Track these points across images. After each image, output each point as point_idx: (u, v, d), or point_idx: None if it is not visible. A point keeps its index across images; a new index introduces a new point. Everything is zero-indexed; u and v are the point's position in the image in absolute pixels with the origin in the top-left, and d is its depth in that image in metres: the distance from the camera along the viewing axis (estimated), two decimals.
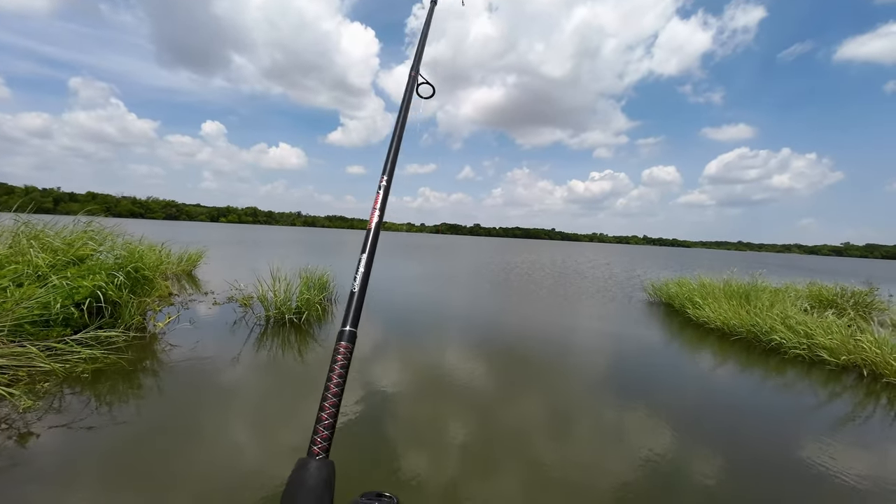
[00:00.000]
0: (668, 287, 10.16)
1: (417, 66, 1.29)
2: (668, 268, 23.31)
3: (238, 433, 3.21)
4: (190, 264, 11.41)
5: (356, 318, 0.75)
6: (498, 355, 5.48)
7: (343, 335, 0.73)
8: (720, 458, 3.13)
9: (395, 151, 1.07)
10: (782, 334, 6.17)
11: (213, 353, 4.80)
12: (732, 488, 2.76)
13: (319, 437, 0.62)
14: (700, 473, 2.90)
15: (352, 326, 0.74)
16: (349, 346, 0.71)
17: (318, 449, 0.61)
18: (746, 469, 3.02)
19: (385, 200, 0.97)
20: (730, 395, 4.53)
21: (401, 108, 1.18)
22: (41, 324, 4.24)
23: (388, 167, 1.02)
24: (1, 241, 5.50)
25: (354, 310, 0.76)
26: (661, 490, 2.68)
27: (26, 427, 2.96)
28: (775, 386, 4.91)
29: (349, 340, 0.72)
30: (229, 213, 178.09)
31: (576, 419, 3.74)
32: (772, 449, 3.34)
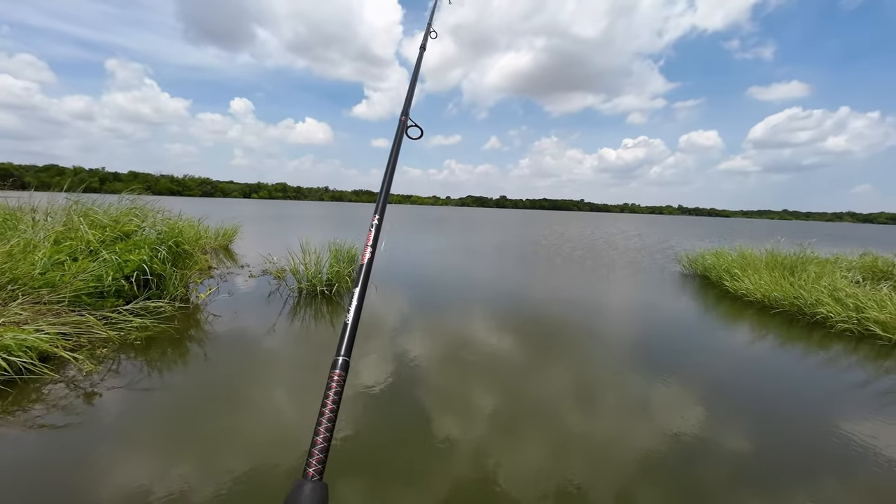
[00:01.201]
0: (705, 258, 9.73)
1: (407, 110, 1.40)
2: (704, 239, 22.28)
3: (275, 398, 3.41)
4: (226, 239, 11.91)
5: (349, 348, 0.78)
6: (524, 328, 5.48)
7: (336, 364, 0.74)
8: (754, 434, 3.06)
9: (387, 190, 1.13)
10: (829, 307, 5.83)
11: (251, 323, 5.06)
12: (766, 464, 2.70)
13: (315, 460, 0.64)
14: (732, 448, 2.85)
15: (345, 356, 0.76)
16: (343, 375, 0.73)
17: (312, 471, 0.63)
18: (782, 444, 2.94)
19: (377, 238, 1.00)
20: (767, 369, 4.37)
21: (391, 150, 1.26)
22: (96, 295, 4.57)
23: (380, 207, 1.07)
24: (56, 219, 5.91)
25: (348, 339, 0.79)
26: (689, 463, 2.66)
27: (91, 388, 3.25)
28: (818, 361, 4.69)
29: (343, 369, 0.74)
30: (260, 190, 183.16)
31: (603, 392, 3.73)
32: (810, 425, 3.22)
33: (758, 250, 8.99)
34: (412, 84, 1.58)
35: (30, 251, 4.67)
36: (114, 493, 2.21)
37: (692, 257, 10.40)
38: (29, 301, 3.96)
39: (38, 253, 4.64)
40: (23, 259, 4.44)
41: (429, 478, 2.43)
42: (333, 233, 10.56)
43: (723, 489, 2.42)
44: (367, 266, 0.94)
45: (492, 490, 2.33)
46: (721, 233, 30.05)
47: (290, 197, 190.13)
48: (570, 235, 22.92)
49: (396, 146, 1.28)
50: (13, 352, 3.25)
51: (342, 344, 0.78)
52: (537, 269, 10.62)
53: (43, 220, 5.82)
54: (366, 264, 0.94)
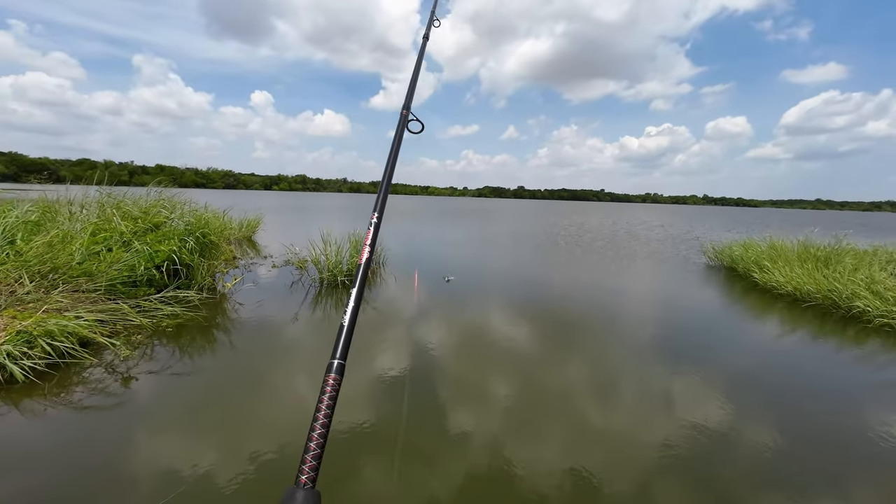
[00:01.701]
0: (732, 249, 9.42)
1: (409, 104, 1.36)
2: (731, 229, 21.55)
3: (299, 384, 3.51)
4: (250, 230, 12.20)
5: (345, 351, 0.76)
6: (543, 319, 5.44)
7: (332, 367, 0.73)
8: (781, 431, 2.96)
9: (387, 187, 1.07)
10: (866, 301, 5.57)
11: (275, 311, 5.19)
12: (793, 463, 2.62)
13: (307, 467, 0.62)
14: (757, 445, 2.77)
15: (340, 359, 0.74)
16: (338, 379, 0.72)
17: (305, 479, 0.61)
18: (811, 443, 2.84)
19: (375, 237, 0.96)
20: (797, 364, 4.23)
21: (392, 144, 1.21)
22: (129, 284, 4.77)
23: (380, 204, 1.02)
24: (91, 211, 6.17)
25: (343, 343, 0.76)
26: (713, 459, 2.60)
27: (127, 372, 3.41)
28: (852, 356, 4.50)
29: (338, 373, 0.72)
30: (280, 182, 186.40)
31: (625, 384, 3.68)
32: (842, 423, 3.11)
33: (789, 241, 8.64)
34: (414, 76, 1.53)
35: (68, 242, 4.90)
36: (146, 468, 2.32)
37: (718, 248, 10.08)
38: (69, 289, 4.17)
39: (75, 243, 4.86)
40: (62, 249, 4.66)
41: (446, 468, 2.46)
42: (352, 224, 10.68)
43: (746, 487, 2.36)
44: (366, 267, 0.89)
45: (509, 482, 2.34)
46: (749, 223, 28.99)
47: (309, 189, 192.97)
48: (590, 226, 22.53)
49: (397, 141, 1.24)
50: (56, 337, 3.43)
51: (337, 346, 0.76)
52: (556, 260, 10.49)
53: (79, 212, 6.08)
54: (363, 265, 0.89)
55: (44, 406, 2.88)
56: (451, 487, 2.28)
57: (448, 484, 2.31)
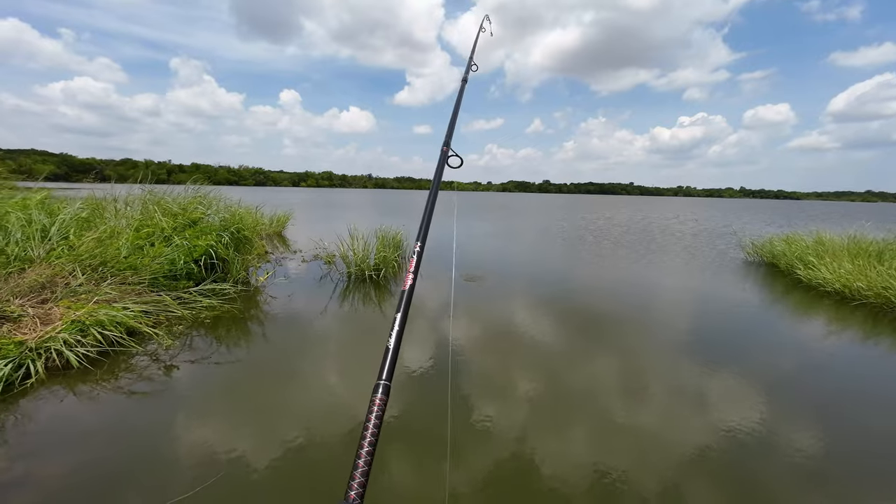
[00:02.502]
0: (773, 245, 8.94)
1: (449, 141, 1.46)
2: (772, 223, 20.45)
3: (328, 374, 3.60)
4: (280, 225, 12.57)
5: (391, 373, 0.78)
6: (570, 314, 5.35)
7: (378, 388, 0.76)
8: (825, 437, 2.80)
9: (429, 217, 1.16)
10: None
11: (305, 304, 5.34)
12: (838, 471, 2.47)
13: (356, 483, 0.65)
14: (797, 450, 2.62)
15: (386, 380, 0.77)
16: (384, 399, 0.75)
17: (353, 494, 0.63)
18: (859, 449, 2.67)
19: (419, 264, 1.01)
20: (843, 366, 3.98)
21: (434, 179, 1.30)
22: (170, 277, 5.01)
23: (423, 233, 1.10)
24: (134, 207, 6.51)
25: (389, 364, 0.80)
26: (747, 462, 2.49)
27: (170, 360, 3.60)
28: None
29: (384, 394, 0.76)
30: (308, 178, 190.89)
31: (659, 383, 3.56)
32: (889, 426, 2.90)
33: (838, 236, 8.11)
34: (454, 115, 1.64)
35: (115, 237, 5.19)
36: (187, 452, 2.45)
37: (758, 244, 9.59)
38: (116, 282, 4.42)
39: (121, 239, 5.14)
40: (110, 244, 4.95)
41: (470, 464, 2.47)
42: (379, 219, 10.79)
43: (787, 495, 2.25)
44: (409, 292, 0.93)
45: (540, 480, 2.32)
46: (792, 216, 27.43)
47: (335, 185, 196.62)
48: (619, 220, 21.91)
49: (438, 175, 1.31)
50: (106, 326, 3.65)
51: (384, 368, 0.79)
52: (585, 255, 10.26)
53: (123, 209, 6.43)
54: (407, 290, 0.93)
55: (97, 390, 3.08)
56: (487, 483, 2.29)
57: (483, 480, 2.31)
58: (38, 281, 3.99)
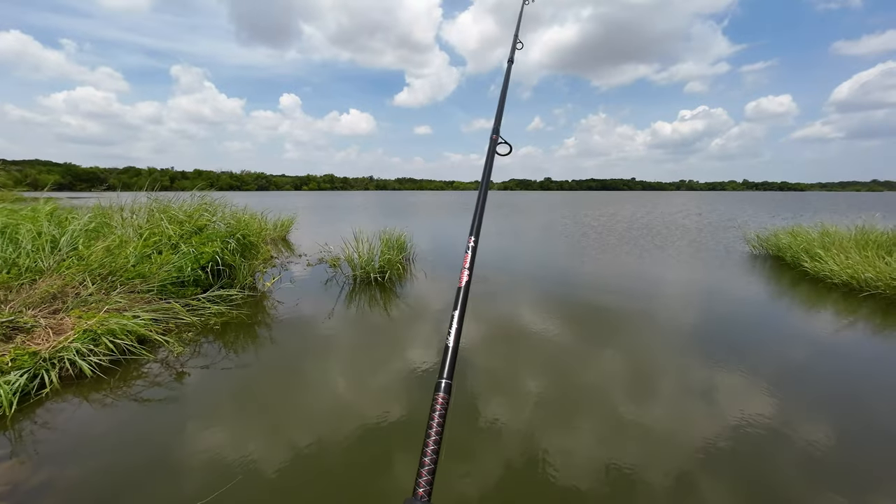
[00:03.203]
0: (778, 237, 8.89)
1: (498, 128, 1.43)
2: (777, 215, 20.33)
3: (336, 377, 3.62)
4: (284, 230, 12.62)
5: (451, 371, 0.78)
6: (577, 310, 5.35)
7: (440, 387, 0.76)
8: (836, 430, 2.78)
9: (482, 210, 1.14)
10: None
11: (312, 308, 5.36)
12: (850, 464, 2.46)
13: (423, 481, 0.66)
14: (808, 444, 2.61)
15: (447, 378, 0.77)
16: (446, 398, 0.75)
17: (422, 491, 0.64)
18: (871, 443, 2.66)
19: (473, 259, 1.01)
20: (853, 358, 3.95)
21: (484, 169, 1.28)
22: (178, 284, 5.05)
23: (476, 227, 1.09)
24: (140, 215, 6.57)
25: (450, 363, 0.79)
26: (758, 456, 2.48)
27: (181, 367, 3.63)
28: None
29: (446, 392, 0.76)
30: (310, 182, 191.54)
31: (667, 378, 3.56)
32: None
33: (844, 227, 8.06)
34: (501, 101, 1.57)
35: (123, 246, 5.24)
36: (202, 459, 2.47)
37: (763, 236, 9.54)
38: (125, 290, 4.46)
39: (129, 247, 5.19)
40: (119, 253, 4.99)
41: (479, 460, 2.48)
42: (382, 221, 10.83)
43: (798, 488, 2.24)
44: (465, 289, 0.93)
45: (541, 471, 2.33)
46: (796, 208, 27.24)
47: (337, 187, 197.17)
48: (622, 216, 21.84)
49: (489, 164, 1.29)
50: (117, 335, 3.69)
51: (444, 367, 0.79)
52: (589, 250, 10.24)
53: (130, 217, 6.48)
54: (463, 287, 0.94)
55: (110, 399, 3.12)
56: (494, 483, 2.30)
57: (491, 480, 2.32)
58: (49, 291, 4.04)
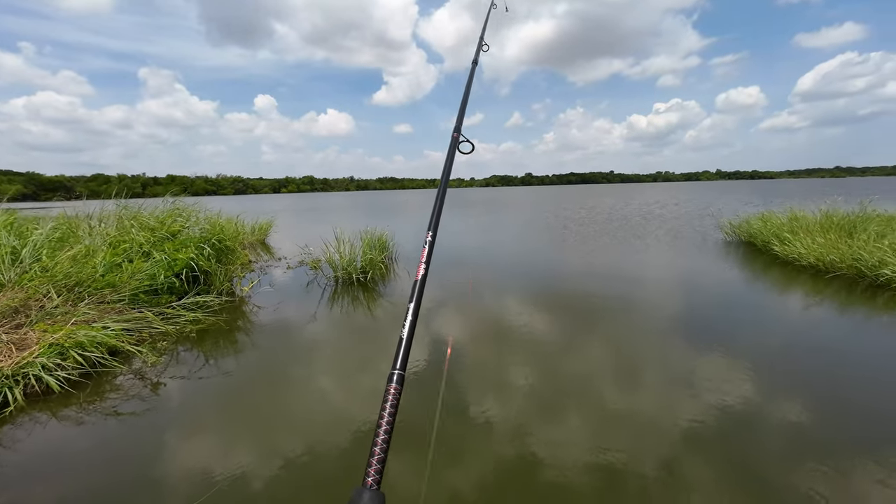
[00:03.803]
0: (750, 224, 9.20)
1: (459, 126, 1.45)
2: (748, 203, 21.02)
3: (321, 380, 3.56)
4: (262, 233, 12.36)
5: (404, 362, 0.80)
6: (560, 301, 5.41)
7: (392, 378, 0.78)
8: (811, 405, 2.91)
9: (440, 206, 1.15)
10: (894, 267, 5.39)
11: (294, 312, 5.27)
12: (826, 436, 2.57)
13: (373, 469, 0.67)
14: (784, 421, 2.71)
15: (400, 370, 0.79)
16: (398, 388, 0.77)
17: (371, 480, 0.66)
18: (844, 413, 2.78)
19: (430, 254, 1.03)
20: (823, 336, 4.13)
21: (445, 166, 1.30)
22: (151, 292, 4.89)
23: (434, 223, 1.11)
24: (109, 224, 6.32)
25: (403, 354, 0.81)
26: (740, 435, 2.56)
27: (156, 377, 3.51)
28: (882, 325, 4.37)
29: (399, 383, 0.77)
30: (289, 184, 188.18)
31: (648, 364, 3.64)
32: (874, 392, 3.03)
33: (810, 212, 8.39)
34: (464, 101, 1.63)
35: (91, 256, 5.03)
36: (183, 470, 2.40)
37: (735, 223, 9.85)
38: (94, 301, 4.29)
39: (98, 257, 4.99)
40: (85, 263, 4.79)
41: (471, 454, 2.48)
42: (363, 221, 10.71)
43: (779, 463, 2.33)
44: (422, 282, 0.95)
45: (531, 462, 2.35)
46: (767, 195, 28.22)
47: (317, 189, 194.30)
48: (602, 209, 22.21)
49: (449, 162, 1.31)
50: (87, 347, 3.54)
51: (397, 358, 0.81)
52: (570, 243, 10.38)
53: (98, 226, 6.23)
54: (420, 280, 0.95)
55: (81, 414, 2.99)
56: (487, 476, 2.30)
57: (484, 472, 2.33)
58: (10, 305, 3.84)
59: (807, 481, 2.16)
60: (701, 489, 2.15)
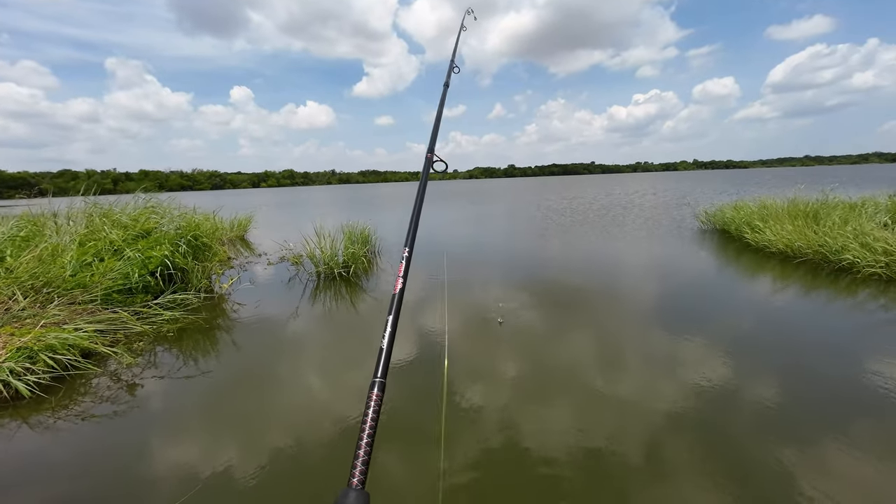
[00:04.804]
0: (723, 213, 9.49)
1: (433, 146, 1.52)
2: (723, 192, 21.65)
3: (305, 377, 3.54)
4: (241, 229, 12.09)
5: (385, 371, 0.85)
6: (545, 291, 5.50)
7: (374, 385, 0.82)
8: (780, 384, 3.06)
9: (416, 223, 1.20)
10: (855, 253, 5.67)
11: (275, 308, 5.20)
12: (794, 412, 2.71)
13: (357, 471, 0.71)
14: (756, 398, 2.85)
15: (381, 377, 0.83)
16: (380, 395, 0.81)
17: (356, 481, 0.69)
18: (810, 391, 2.94)
19: (407, 269, 1.07)
20: (791, 318, 4.33)
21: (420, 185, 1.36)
22: (125, 292, 4.75)
23: (410, 239, 1.16)
24: (78, 221, 6.07)
25: (384, 363, 0.86)
26: (717, 417, 2.69)
27: (132, 379, 3.43)
28: (844, 306, 4.60)
29: (380, 390, 0.81)
30: (268, 178, 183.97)
31: (626, 350, 3.75)
32: (839, 369, 3.20)
33: (779, 200, 8.71)
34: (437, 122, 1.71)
35: (58, 255, 4.84)
36: (164, 474, 2.37)
37: (710, 212, 10.15)
38: (64, 302, 4.14)
39: (66, 256, 4.80)
40: (52, 263, 4.61)
41: (455, 443, 2.52)
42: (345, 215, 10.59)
43: (751, 440, 2.45)
44: (399, 296, 1.00)
45: (523, 450, 2.41)
46: (740, 184, 29.10)
47: (297, 183, 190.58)
48: (583, 199, 22.52)
49: (423, 182, 1.38)
50: (58, 350, 3.43)
51: (378, 367, 0.85)
52: (552, 233, 10.52)
53: (65, 224, 5.98)
54: (397, 294, 1.00)
55: (53, 419, 2.90)
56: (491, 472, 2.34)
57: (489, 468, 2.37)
58: None
59: (776, 452, 2.28)
60: (680, 462, 2.25)
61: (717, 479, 2.14)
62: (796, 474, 2.14)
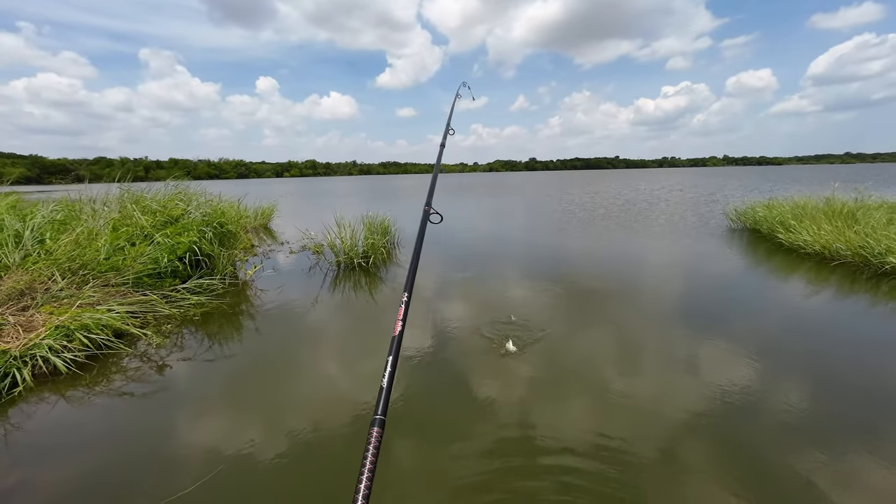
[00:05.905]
0: (755, 211, 9.10)
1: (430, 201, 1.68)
2: (755, 189, 20.77)
3: (324, 364, 3.61)
4: (265, 218, 12.36)
5: (385, 408, 0.86)
6: (567, 287, 5.41)
7: (374, 423, 0.82)
8: (812, 391, 2.92)
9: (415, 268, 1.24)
10: None
11: (296, 296, 5.31)
12: (827, 421, 2.59)
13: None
14: (784, 404, 2.73)
15: (381, 415, 0.84)
16: (380, 432, 0.82)
17: None
18: (845, 401, 2.79)
19: (406, 313, 1.08)
20: (826, 323, 4.12)
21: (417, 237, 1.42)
22: (155, 276, 4.92)
23: (409, 284, 1.18)
24: (112, 207, 6.33)
25: (384, 401, 0.86)
26: (741, 420, 2.59)
27: (161, 360, 3.57)
28: (885, 312, 4.35)
29: (380, 427, 0.82)
30: (291, 168, 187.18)
31: (651, 349, 3.65)
32: (877, 378, 3.03)
33: (815, 199, 8.29)
34: (434, 178, 1.86)
35: (93, 238, 5.05)
36: (189, 452, 2.46)
37: (740, 210, 9.75)
38: (98, 284, 4.33)
39: (100, 240, 5.01)
40: (88, 246, 4.82)
41: (473, 436, 2.52)
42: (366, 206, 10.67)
43: (780, 446, 2.35)
44: (399, 338, 1.01)
45: (539, 446, 2.39)
46: (774, 181, 27.85)
47: (319, 173, 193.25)
48: (606, 194, 22.01)
49: (421, 233, 1.44)
50: (92, 330, 3.59)
51: (378, 405, 0.85)
52: (574, 227, 10.32)
53: (101, 209, 6.24)
54: (397, 336, 1.01)
55: (88, 395, 3.05)
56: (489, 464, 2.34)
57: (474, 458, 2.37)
58: (15, 288, 3.89)
59: (803, 460, 2.18)
60: (702, 466, 2.18)
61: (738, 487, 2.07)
62: (821, 485, 2.04)
